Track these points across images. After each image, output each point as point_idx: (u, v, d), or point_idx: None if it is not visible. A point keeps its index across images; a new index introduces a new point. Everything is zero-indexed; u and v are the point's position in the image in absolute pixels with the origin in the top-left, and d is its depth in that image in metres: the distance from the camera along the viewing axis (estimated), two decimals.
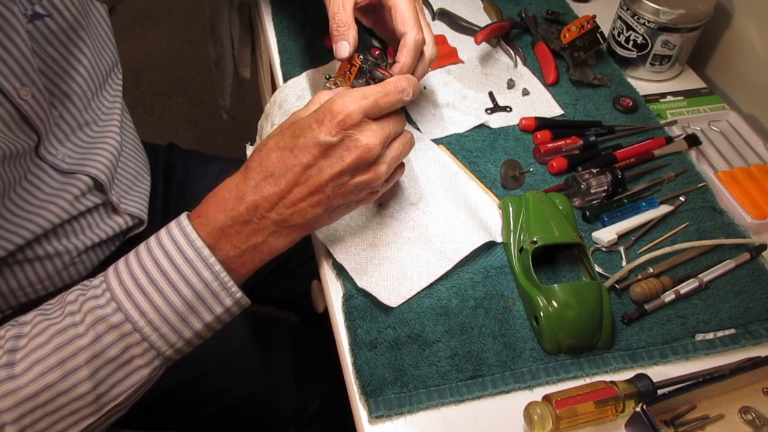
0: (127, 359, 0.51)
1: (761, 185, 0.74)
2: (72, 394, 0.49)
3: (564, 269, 0.66)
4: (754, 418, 0.56)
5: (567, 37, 0.86)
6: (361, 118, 0.52)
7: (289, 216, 0.53)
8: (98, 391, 0.50)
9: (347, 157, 0.51)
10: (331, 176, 0.52)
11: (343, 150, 0.51)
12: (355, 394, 0.56)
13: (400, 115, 0.56)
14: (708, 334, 0.61)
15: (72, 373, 0.48)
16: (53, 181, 0.68)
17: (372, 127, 0.52)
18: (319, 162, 0.51)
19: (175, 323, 0.51)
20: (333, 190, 0.53)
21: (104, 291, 0.50)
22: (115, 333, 0.49)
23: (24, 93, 0.60)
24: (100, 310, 0.49)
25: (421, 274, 0.63)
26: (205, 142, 2.02)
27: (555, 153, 0.76)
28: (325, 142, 0.51)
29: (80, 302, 0.50)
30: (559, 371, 0.58)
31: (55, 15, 0.64)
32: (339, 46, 0.60)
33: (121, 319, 0.49)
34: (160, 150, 0.96)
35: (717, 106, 0.86)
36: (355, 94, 0.52)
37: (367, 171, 0.54)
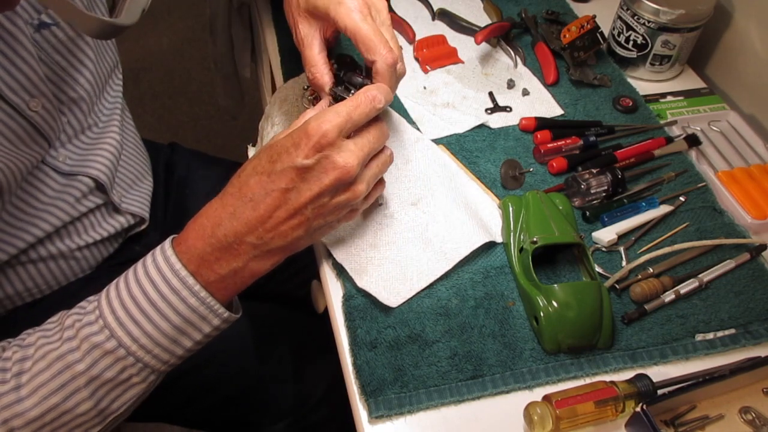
0: (124, 379, 0.53)
1: (761, 185, 0.74)
2: (75, 411, 0.52)
3: (564, 269, 0.66)
4: (754, 418, 0.56)
5: (567, 37, 0.86)
6: (337, 136, 0.52)
7: (269, 240, 0.53)
8: (99, 407, 0.53)
9: (325, 179, 0.52)
10: (310, 198, 0.52)
11: (320, 172, 0.52)
12: (355, 394, 0.56)
13: (379, 130, 0.56)
14: (708, 334, 0.61)
15: (73, 394, 0.52)
16: (55, 183, 0.68)
17: (349, 147, 0.53)
18: (297, 185, 0.52)
19: (166, 345, 0.54)
20: (313, 211, 0.53)
21: (97, 318, 0.52)
22: (110, 358, 0.52)
23: (34, 105, 0.61)
24: (94, 337, 0.52)
25: (421, 274, 0.63)
26: (206, 143, 2.02)
27: (555, 153, 0.76)
28: (302, 166, 0.51)
29: (77, 328, 0.52)
30: (559, 371, 0.58)
31: (61, 24, 0.64)
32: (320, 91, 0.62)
33: (114, 345, 0.52)
34: (162, 148, 0.96)
35: (717, 106, 0.86)
36: (328, 113, 0.52)
37: (346, 191, 0.54)
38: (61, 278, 0.72)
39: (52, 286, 0.72)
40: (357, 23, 0.58)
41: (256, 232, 0.53)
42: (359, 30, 0.58)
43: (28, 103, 0.60)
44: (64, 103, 0.66)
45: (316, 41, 0.63)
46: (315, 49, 0.62)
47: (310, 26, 0.63)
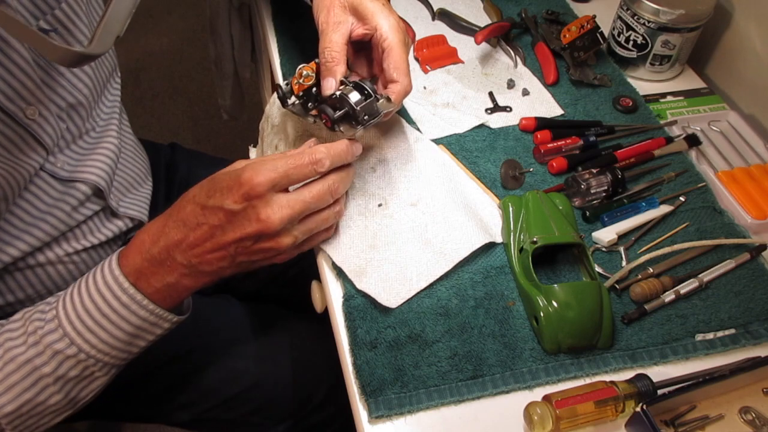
0: (87, 374, 0.58)
1: (761, 185, 0.74)
2: (47, 403, 0.57)
3: (564, 269, 0.66)
4: (754, 418, 0.56)
5: (567, 37, 0.86)
6: (267, 190, 0.54)
7: (197, 264, 0.57)
8: (69, 397, 0.58)
9: (248, 227, 0.55)
10: (234, 240, 0.56)
11: (244, 219, 0.55)
12: (355, 394, 0.56)
13: (323, 188, 0.58)
14: (708, 334, 0.61)
15: (43, 390, 0.57)
16: (53, 190, 0.67)
17: (279, 202, 0.55)
18: (224, 225, 0.55)
19: (123, 348, 0.59)
20: (236, 250, 0.56)
21: (57, 327, 0.56)
22: (72, 360, 0.57)
23: (30, 112, 0.60)
24: (57, 344, 0.56)
25: (421, 274, 0.63)
26: (206, 143, 2.02)
27: (555, 153, 0.76)
28: (229, 210, 0.55)
29: (40, 335, 0.56)
30: (559, 371, 0.58)
31: (60, 29, 0.63)
32: (326, 83, 0.62)
33: (75, 351, 0.56)
34: (162, 149, 0.96)
35: (717, 106, 0.86)
36: (266, 164, 0.55)
37: (269, 241, 0.56)
38: (60, 282, 0.72)
39: (51, 290, 0.71)
40: (397, 42, 0.62)
41: (186, 254, 0.57)
42: (395, 49, 0.62)
43: (24, 111, 0.60)
44: (62, 110, 0.66)
45: (345, 29, 0.63)
46: (342, 35, 0.63)
47: (345, 15, 0.64)
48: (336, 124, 0.61)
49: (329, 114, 0.61)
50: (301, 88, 0.63)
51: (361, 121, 0.61)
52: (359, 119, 0.61)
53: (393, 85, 0.63)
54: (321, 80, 0.62)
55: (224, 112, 1.55)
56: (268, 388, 0.82)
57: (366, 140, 0.74)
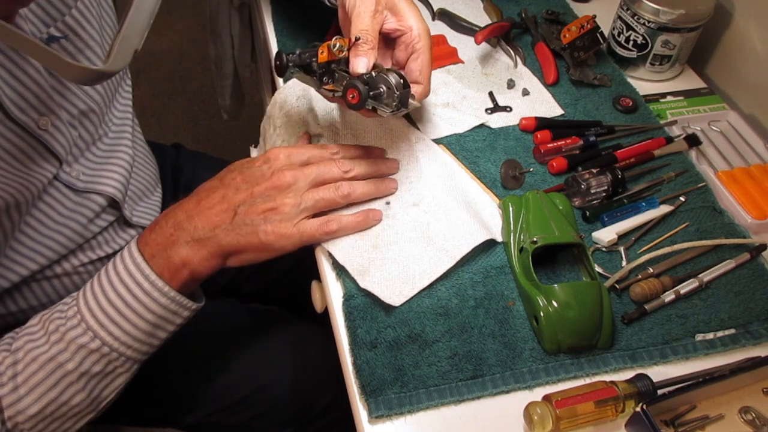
0: (110, 370, 0.59)
1: (761, 185, 0.74)
2: (71, 403, 0.57)
3: (564, 269, 0.66)
4: (754, 418, 0.56)
5: (567, 37, 0.86)
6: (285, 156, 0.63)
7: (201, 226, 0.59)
8: (92, 396, 0.58)
9: (261, 183, 0.60)
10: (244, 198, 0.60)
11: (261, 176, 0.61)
12: (355, 394, 0.56)
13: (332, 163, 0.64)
14: (708, 334, 0.61)
15: (67, 388, 0.57)
16: (69, 201, 0.67)
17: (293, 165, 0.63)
18: (239, 185, 0.61)
19: (144, 339, 0.59)
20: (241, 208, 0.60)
21: (80, 322, 0.57)
22: (96, 355, 0.57)
23: (43, 123, 0.60)
24: (80, 338, 0.56)
25: (423, 272, 0.63)
26: (206, 143, 2.02)
27: (555, 153, 0.76)
28: (248, 171, 0.61)
29: (62, 332, 0.56)
30: (559, 371, 0.58)
31: (70, 36, 0.63)
32: (360, 62, 0.61)
33: (99, 344, 0.57)
34: (167, 151, 0.96)
35: (717, 106, 0.86)
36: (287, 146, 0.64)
37: (276, 198, 0.60)
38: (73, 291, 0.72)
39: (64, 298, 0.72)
40: (428, 47, 0.65)
41: (193, 218, 0.59)
42: (426, 53, 0.65)
43: (37, 122, 0.59)
44: (74, 117, 0.65)
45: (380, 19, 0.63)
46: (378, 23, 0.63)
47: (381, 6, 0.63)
48: (366, 101, 0.60)
49: (361, 90, 0.59)
50: (330, 57, 0.62)
51: (394, 106, 0.60)
52: (393, 104, 0.60)
53: (416, 86, 0.65)
54: (352, 58, 0.61)
55: (224, 112, 1.55)
56: (273, 392, 0.82)
57: (367, 141, 0.74)
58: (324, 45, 0.62)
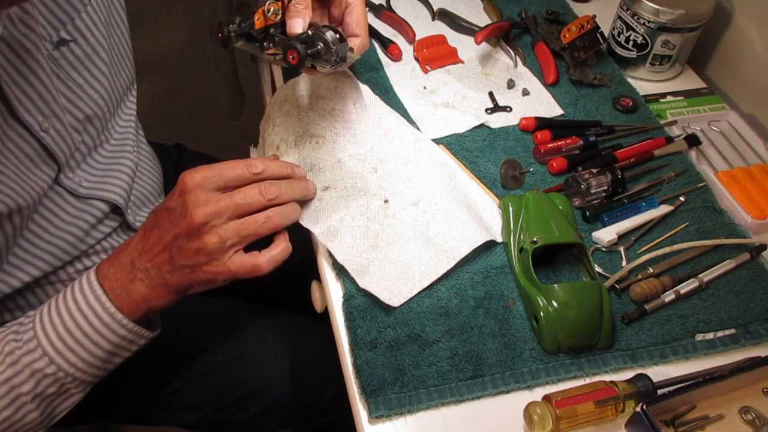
0: (64, 391, 0.59)
1: (761, 185, 0.74)
2: (23, 421, 0.58)
3: (564, 269, 0.66)
4: (754, 418, 0.56)
5: (567, 37, 0.86)
6: (197, 186, 0.56)
7: (148, 267, 0.58)
8: (45, 414, 0.59)
9: (179, 223, 0.56)
10: (171, 238, 0.57)
11: (178, 215, 0.57)
12: (355, 394, 0.56)
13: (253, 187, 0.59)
14: (708, 334, 0.61)
15: (20, 408, 0.57)
16: (71, 207, 0.67)
17: (206, 199, 0.56)
18: (165, 224, 0.57)
19: (100, 365, 0.60)
20: (174, 251, 0.57)
21: (36, 347, 0.56)
22: (50, 378, 0.57)
23: (46, 125, 0.60)
24: (36, 364, 0.56)
25: (423, 273, 0.63)
26: (206, 143, 2.02)
27: (555, 153, 0.76)
28: (169, 208, 0.57)
29: (18, 356, 0.56)
30: (559, 371, 0.58)
31: (80, 40, 0.63)
32: (295, 22, 0.62)
33: (54, 369, 0.57)
34: (170, 151, 0.96)
35: (717, 106, 0.86)
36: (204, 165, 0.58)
37: (196, 239, 0.56)
38: None
39: None
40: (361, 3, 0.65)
41: (141, 258, 0.58)
42: (359, 6, 0.65)
43: (40, 124, 0.59)
44: (80, 121, 0.65)
45: None
46: None
47: None
48: (306, 60, 0.62)
49: (299, 50, 0.61)
50: (267, 22, 0.63)
51: (333, 62, 0.62)
52: (331, 59, 0.62)
53: (354, 39, 0.66)
54: (288, 20, 0.63)
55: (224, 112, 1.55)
56: (276, 389, 0.82)
57: (367, 140, 0.74)
58: (259, 11, 0.63)
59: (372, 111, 0.77)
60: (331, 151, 0.72)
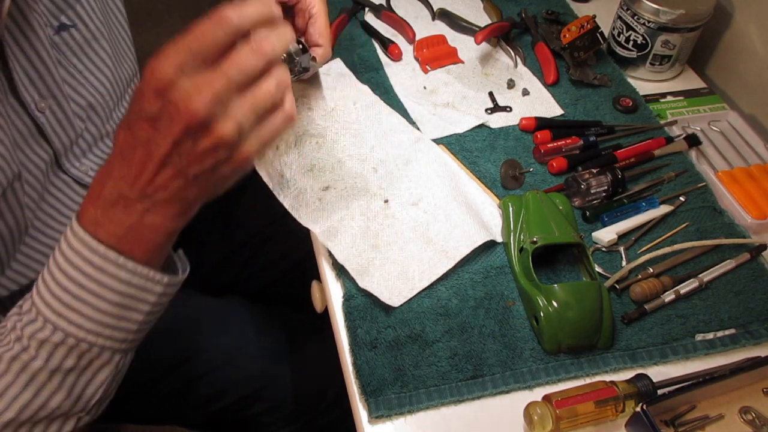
0: (85, 364, 0.52)
1: (761, 185, 0.74)
2: (50, 405, 0.52)
3: (564, 269, 0.66)
4: (754, 418, 0.56)
5: (567, 37, 0.86)
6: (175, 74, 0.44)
7: (152, 193, 0.48)
8: (74, 395, 0.53)
9: (173, 126, 0.45)
10: (169, 149, 0.46)
11: (166, 119, 0.45)
12: (355, 394, 0.56)
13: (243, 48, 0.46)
14: (708, 334, 0.61)
15: (41, 390, 0.51)
16: (78, 197, 0.67)
17: (195, 84, 0.44)
18: (153, 136, 0.46)
19: (114, 324, 0.51)
20: (181, 160, 0.46)
21: (36, 315, 0.51)
22: (63, 348, 0.51)
23: (42, 105, 0.60)
24: (39, 333, 0.50)
25: (423, 273, 0.63)
26: None
27: (555, 153, 0.76)
28: (148, 116, 0.45)
29: (19, 328, 0.51)
30: (559, 371, 0.58)
31: (79, 25, 0.64)
32: None
33: (61, 336, 0.50)
34: None
35: (717, 106, 0.86)
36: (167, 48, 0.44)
37: (207, 136, 0.45)
38: None
39: None
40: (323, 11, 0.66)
41: (135, 186, 0.48)
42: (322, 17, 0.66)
43: (36, 103, 0.60)
44: (82, 108, 0.66)
45: None
46: None
47: None
48: None
49: None
50: None
51: (296, 72, 0.65)
52: (295, 69, 0.65)
53: (317, 49, 0.67)
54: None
55: None
56: (278, 389, 0.82)
57: (367, 140, 0.74)
58: None
59: (372, 111, 0.77)
60: (331, 151, 0.72)
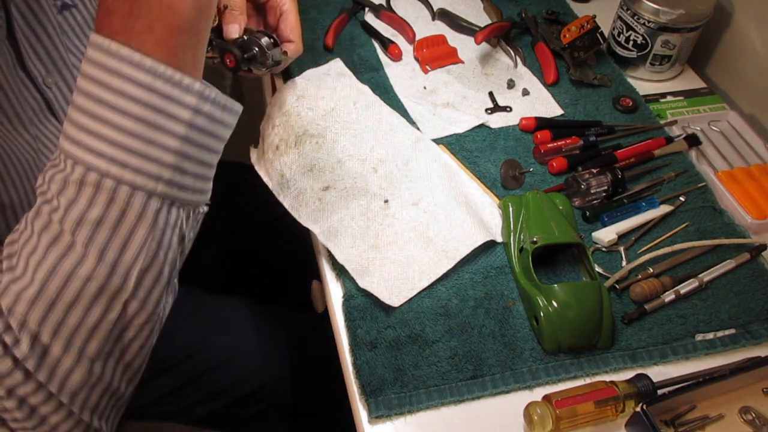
0: (116, 217, 0.43)
1: (761, 185, 0.74)
2: (80, 273, 0.43)
3: (564, 269, 0.66)
4: (754, 418, 0.56)
5: (567, 37, 0.86)
6: None
7: None
8: (107, 261, 0.43)
9: None
10: None
11: None
12: (355, 394, 0.56)
13: None
14: (708, 334, 0.61)
15: (68, 252, 0.43)
16: None
17: None
18: None
19: (142, 150, 0.43)
20: None
21: (58, 156, 0.44)
22: (86, 191, 0.42)
23: (49, 81, 0.61)
24: (60, 173, 0.43)
25: (423, 273, 0.63)
26: None
27: (555, 153, 0.76)
28: None
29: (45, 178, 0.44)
30: (559, 371, 0.58)
31: (80, 6, 0.65)
32: (232, 27, 0.65)
33: (82, 172, 0.42)
34: None
35: (717, 106, 0.86)
36: None
37: None
38: None
39: None
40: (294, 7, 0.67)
41: None
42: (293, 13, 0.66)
43: (44, 78, 0.61)
44: None
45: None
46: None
47: None
48: (242, 64, 0.66)
49: (236, 54, 0.65)
50: None
51: (268, 65, 0.67)
52: (267, 62, 0.66)
53: (289, 44, 0.69)
54: (224, 25, 0.66)
55: None
56: (280, 387, 0.82)
57: (367, 140, 0.74)
58: None
59: (372, 111, 0.77)
60: (331, 151, 0.72)
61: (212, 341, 0.81)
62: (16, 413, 0.44)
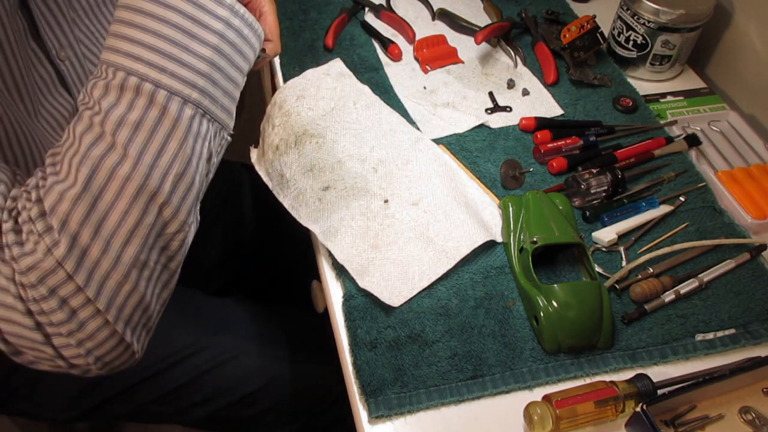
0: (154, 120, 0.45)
1: (761, 185, 0.74)
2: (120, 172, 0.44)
3: (564, 269, 0.66)
4: (754, 418, 0.56)
5: (567, 37, 0.86)
6: None
7: None
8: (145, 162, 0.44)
9: None
10: None
11: None
12: (355, 394, 0.56)
13: None
14: (708, 334, 0.61)
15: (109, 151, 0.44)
16: None
17: None
18: None
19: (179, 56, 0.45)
20: None
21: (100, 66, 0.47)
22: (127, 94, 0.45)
23: (62, 55, 0.62)
24: (101, 81, 0.45)
25: (423, 273, 0.63)
26: None
27: (555, 153, 0.76)
28: None
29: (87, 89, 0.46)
30: (559, 371, 0.58)
31: None
32: None
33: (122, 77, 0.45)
34: None
35: (717, 106, 0.86)
36: None
37: None
38: None
39: None
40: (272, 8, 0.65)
41: None
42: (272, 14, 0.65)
43: (57, 52, 0.61)
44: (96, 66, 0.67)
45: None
46: None
47: None
48: None
49: None
50: None
51: None
52: None
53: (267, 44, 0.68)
54: None
55: None
56: (281, 387, 0.82)
57: (367, 140, 0.74)
58: None
59: (372, 111, 0.77)
60: (331, 151, 0.72)
61: (212, 341, 0.81)
62: (58, 314, 0.43)
